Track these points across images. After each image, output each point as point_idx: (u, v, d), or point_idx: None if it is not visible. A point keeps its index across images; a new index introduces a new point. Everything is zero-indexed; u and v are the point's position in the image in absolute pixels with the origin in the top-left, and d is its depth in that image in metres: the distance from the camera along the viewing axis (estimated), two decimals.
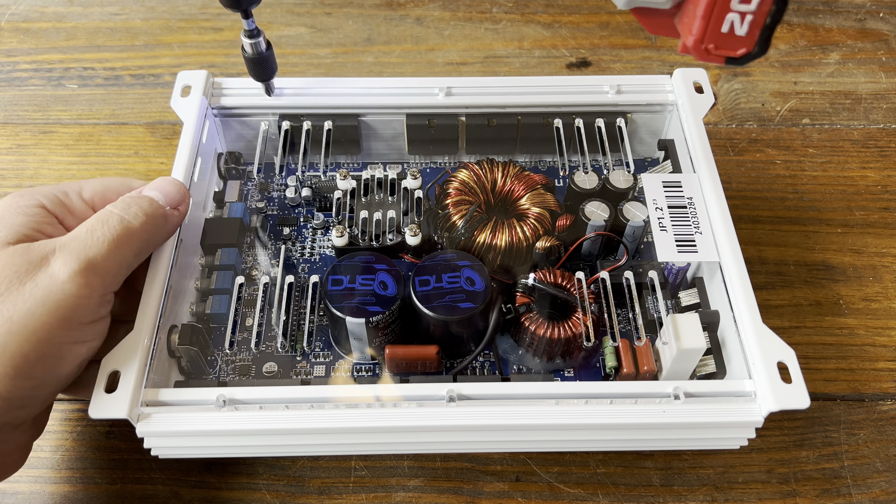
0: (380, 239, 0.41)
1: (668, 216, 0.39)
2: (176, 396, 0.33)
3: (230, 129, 0.47)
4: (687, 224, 0.39)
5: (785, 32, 0.62)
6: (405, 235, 0.40)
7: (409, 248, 0.41)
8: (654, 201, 0.39)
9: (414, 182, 0.42)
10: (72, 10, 0.63)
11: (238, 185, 0.46)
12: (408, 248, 0.41)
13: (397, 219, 0.41)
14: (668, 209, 0.39)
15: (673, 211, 0.39)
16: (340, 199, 0.42)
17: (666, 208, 0.39)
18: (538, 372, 0.39)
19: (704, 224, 0.39)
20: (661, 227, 0.38)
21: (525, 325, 0.38)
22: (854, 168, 0.52)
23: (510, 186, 0.43)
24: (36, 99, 0.56)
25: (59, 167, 0.52)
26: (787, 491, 0.38)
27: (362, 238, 0.41)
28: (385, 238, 0.41)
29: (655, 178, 0.41)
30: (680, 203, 0.39)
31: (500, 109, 0.45)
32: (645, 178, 0.41)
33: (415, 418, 0.32)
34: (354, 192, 0.43)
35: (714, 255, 0.37)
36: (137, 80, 0.58)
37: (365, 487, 0.37)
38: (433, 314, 0.36)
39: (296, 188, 0.45)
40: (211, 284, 0.40)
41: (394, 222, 0.41)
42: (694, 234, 0.38)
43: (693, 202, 0.39)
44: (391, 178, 0.43)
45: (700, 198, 0.40)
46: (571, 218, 0.42)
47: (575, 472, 0.38)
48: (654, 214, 0.39)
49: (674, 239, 0.38)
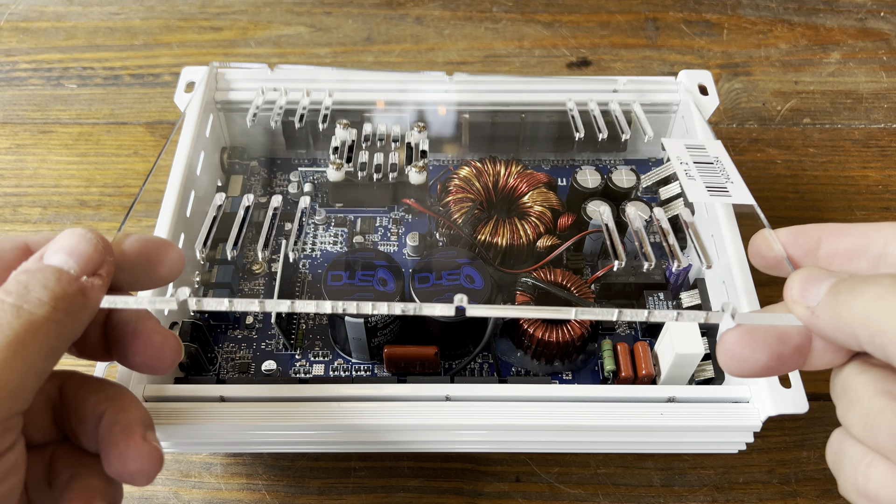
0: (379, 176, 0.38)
1: (694, 168, 0.37)
2: (176, 393, 0.33)
3: (234, 123, 0.46)
4: (716, 175, 0.37)
5: (786, 32, 0.62)
6: (409, 173, 0.38)
7: (411, 188, 0.38)
8: (678, 158, 0.38)
9: (418, 135, 0.40)
10: (71, 9, 0.63)
11: (241, 179, 0.46)
12: (410, 188, 0.38)
13: (400, 163, 0.39)
14: (695, 164, 0.37)
15: (700, 166, 0.37)
16: (339, 148, 0.39)
17: (692, 163, 0.37)
18: (536, 374, 0.39)
19: (734, 176, 0.37)
20: (688, 177, 0.36)
21: (524, 327, 0.37)
22: (855, 168, 0.52)
23: (512, 184, 0.43)
24: (35, 99, 0.56)
25: (59, 167, 0.52)
26: (788, 491, 0.38)
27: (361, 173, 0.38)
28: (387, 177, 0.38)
29: (678, 143, 0.39)
30: (706, 160, 0.38)
31: (503, 107, 0.45)
32: (667, 142, 0.39)
33: (412, 417, 0.32)
34: (354, 143, 0.40)
35: (747, 198, 0.35)
36: (137, 79, 0.58)
37: (365, 487, 0.37)
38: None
39: (297, 183, 0.45)
40: (211, 279, 0.40)
41: (395, 167, 0.39)
42: (724, 182, 0.36)
43: (720, 161, 0.38)
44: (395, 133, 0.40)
45: (727, 160, 0.38)
46: (573, 217, 0.42)
47: (575, 473, 0.38)
48: (680, 168, 0.37)
49: (703, 185, 0.36)
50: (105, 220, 0.49)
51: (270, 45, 0.60)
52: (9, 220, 0.48)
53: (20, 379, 0.22)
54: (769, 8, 0.65)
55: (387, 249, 0.44)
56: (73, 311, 0.23)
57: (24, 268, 0.24)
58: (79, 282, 0.24)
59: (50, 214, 0.49)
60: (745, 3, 0.65)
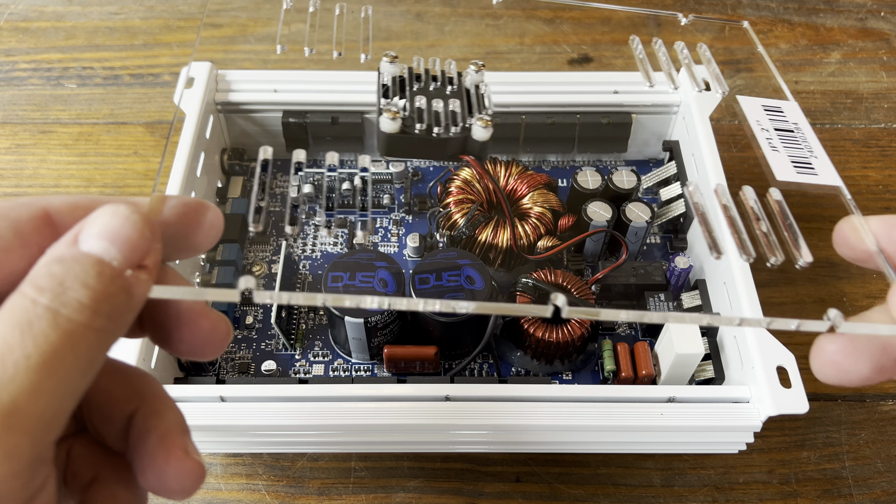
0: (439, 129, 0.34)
1: (776, 137, 0.34)
2: (176, 393, 0.33)
3: (234, 124, 0.46)
4: (799, 147, 0.34)
5: (786, 31, 0.62)
6: (472, 126, 0.34)
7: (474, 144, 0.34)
8: (758, 122, 0.35)
9: (477, 76, 0.37)
10: (71, 9, 0.63)
11: (241, 180, 0.46)
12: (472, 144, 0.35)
13: (462, 113, 0.35)
14: (776, 132, 0.34)
15: (781, 134, 0.34)
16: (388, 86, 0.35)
17: (773, 130, 0.34)
18: (536, 374, 0.39)
19: (817, 148, 0.34)
20: (771, 147, 0.33)
21: (524, 327, 0.37)
22: (855, 168, 0.52)
23: (513, 185, 0.43)
24: (35, 98, 0.56)
25: (58, 167, 0.52)
26: (788, 492, 0.38)
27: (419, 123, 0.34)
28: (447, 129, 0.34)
29: (754, 101, 0.36)
30: (786, 127, 0.35)
31: (503, 108, 0.45)
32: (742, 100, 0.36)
33: (412, 417, 0.32)
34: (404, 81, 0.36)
35: (835, 179, 0.32)
36: (136, 79, 0.58)
37: (365, 488, 0.37)
38: (433, 313, 0.36)
39: (297, 186, 0.45)
40: (212, 280, 0.40)
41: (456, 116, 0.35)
42: (808, 156, 0.34)
43: (799, 127, 0.35)
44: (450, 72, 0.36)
45: (805, 126, 0.35)
46: (574, 218, 0.42)
47: (575, 473, 0.38)
48: (761, 135, 0.34)
49: (789, 159, 0.33)
50: None
51: (270, 41, 0.60)
52: None
53: (56, 404, 0.17)
54: (769, 8, 0.65)
55: (387, 251, 0.44)
56: (115, 315, 0.18)
57: (56, 255, 0.18)
58: (123, 277, 0.19)
59: None
60: (746, 3, 0.65)
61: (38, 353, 0.17)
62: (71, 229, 0.19)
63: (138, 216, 0.19)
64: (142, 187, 0.50)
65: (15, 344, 0.17)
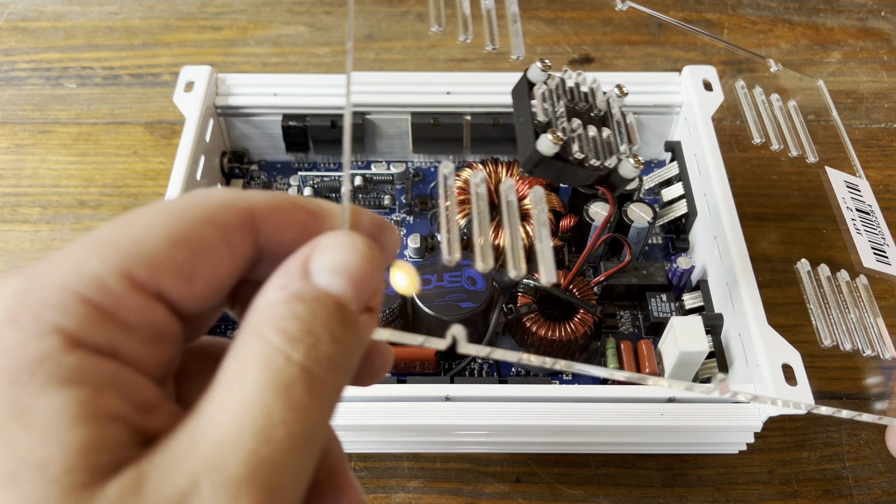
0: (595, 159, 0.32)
1: (858, 219, 0.35)
2: None
3: (234, 127, 0.46)
4: (875, 232, 0.35)
5: (787, 31, 0.62)
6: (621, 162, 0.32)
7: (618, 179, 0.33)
8: (843, 200, 0.36)
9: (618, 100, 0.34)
10: (70, 9, 0.63)
11: (241, 184, 0.46)
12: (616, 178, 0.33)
13: (615, 144, 0.33)
14: (858, 213, 0.35)
15: (862, 216, 0.35)
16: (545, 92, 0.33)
17: (855, 211, 0.35)
18: (537, 374, 0.39)
19: (887, 235, 0.35)
20: (856, 231, 0.34)
21: (526, 325, 0.37)
22: None
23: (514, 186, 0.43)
24: (34, 98, 0.56)
25: (58, 167, 0.51)
26: (789, 492, 0.38)
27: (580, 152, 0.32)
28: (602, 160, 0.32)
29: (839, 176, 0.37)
30: (864, 208, 0.36)
31: (503, 109, 0.45)
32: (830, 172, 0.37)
33: (412, 417, 0.32)
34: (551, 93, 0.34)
35: None
36: (136, 79, 0.58)
37: (365, 488, 0.37)
38: (433, 314, 0.36)
39: (298, 188, 0.45)
40: None
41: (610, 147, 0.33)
42: (882, 243, 0.34)
43: (873, 210, 0.36)
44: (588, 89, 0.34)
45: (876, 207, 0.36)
46: (575, 218, 0.42)
47: (576, 473, 0.38)
48: (847, 214, 0.35)
49: (869, 245, 0.34)
50: (104, 220, 0.49)
51: (270, 44, 0.60)
52: (8, 220, 0.48)
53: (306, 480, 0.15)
54: (770, 7, 0.64)
55: None
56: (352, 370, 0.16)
57: (295, 291, 0.15)
58: (359, 324, 0.16)
59: (49, 214, 0.49)
60: (746, 3, 0.65)
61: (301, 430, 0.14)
62: (295, 255, 0.16)
63: (369, 249, 0.16)
64: (141, 187, 0.50)
65: (277, 416, 0.14)
